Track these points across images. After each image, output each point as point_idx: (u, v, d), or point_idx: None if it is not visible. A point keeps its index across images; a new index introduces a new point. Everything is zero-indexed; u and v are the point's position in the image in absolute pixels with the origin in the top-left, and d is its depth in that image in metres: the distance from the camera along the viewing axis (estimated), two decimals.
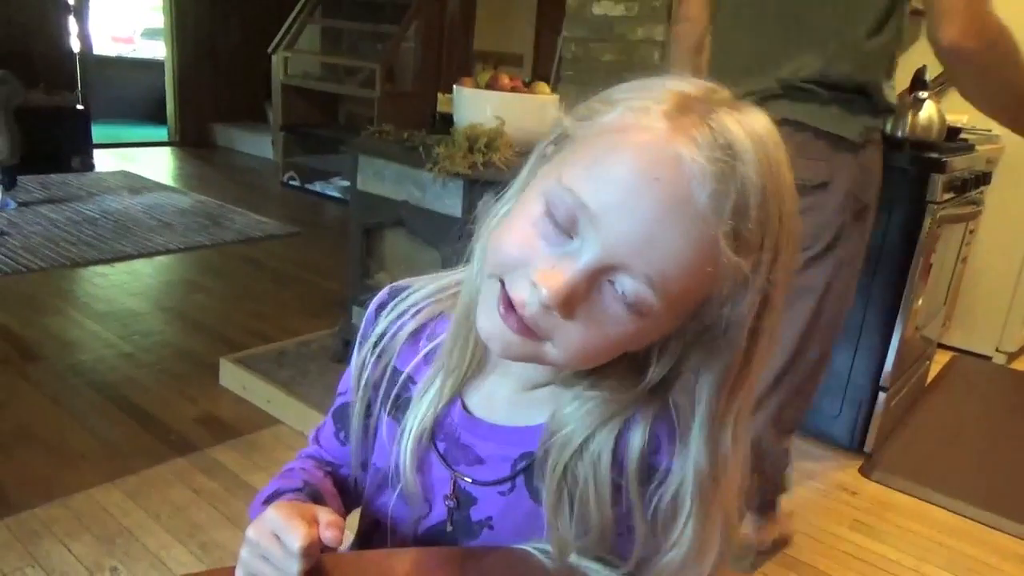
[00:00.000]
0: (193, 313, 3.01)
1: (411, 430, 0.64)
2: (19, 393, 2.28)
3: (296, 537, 0.52)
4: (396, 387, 0.67)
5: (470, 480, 0.63)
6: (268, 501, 0.66)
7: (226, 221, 4.28)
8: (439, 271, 0.69)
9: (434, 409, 0.63)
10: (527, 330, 0.51)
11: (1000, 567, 1.89)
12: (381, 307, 0.69)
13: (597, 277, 0.49)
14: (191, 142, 6.45)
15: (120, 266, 3.44)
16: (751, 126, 0.49)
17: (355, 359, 0.71)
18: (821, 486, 2.16)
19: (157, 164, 5.78)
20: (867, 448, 2.34)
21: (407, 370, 0.66)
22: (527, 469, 0.61)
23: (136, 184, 5.01)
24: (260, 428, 2.18)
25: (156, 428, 2.15)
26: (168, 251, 3.71)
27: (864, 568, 1.84)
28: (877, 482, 2.21)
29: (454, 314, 0.63)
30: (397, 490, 0.66)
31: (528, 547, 0.62)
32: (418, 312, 0.67)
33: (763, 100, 1.42)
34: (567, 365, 0.54)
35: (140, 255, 3.60)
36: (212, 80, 6.45)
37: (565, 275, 0.48)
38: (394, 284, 0.70)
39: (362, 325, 0.71)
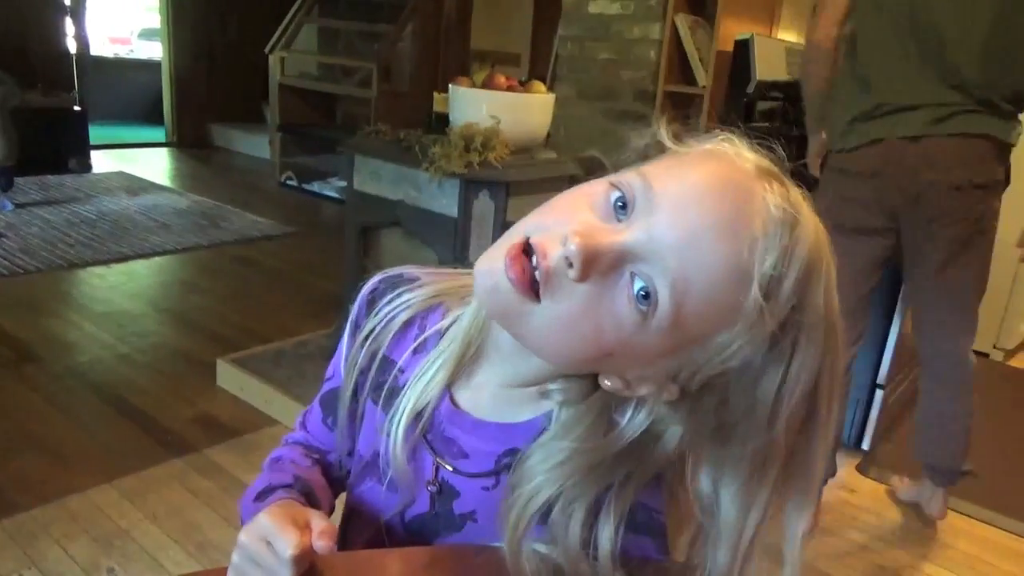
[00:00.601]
0: (190, 314, 3.01)
1: (405, 410, 0.64)
2: (16, 395, 2.28)
3: (288, 545, 0.52)
4: (385, 375, 0.67)
5: (452, 468, 0.63)
6: (260, 497, 0.66)
7: (223, 222, 4.28)
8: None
9: (435, 389, 0.63)
10: (527, 283, 0.49)
11: (999, 564, 1.89)
12: (373, 295, 0.69)
13: (626, 260, 0.48)
14: (188, 143, 6.44)
15: (117, 267, 3.43)
16: (816, 217, 0.51)
17: (345, 345, 0.71)
18: None
19: (154, 165, 5.78)
20: (865, 445, 2.34)
21: (400, 361, 0.66)
22: (511, 466, 0.61)
23: (133, 185, 5.00)
24: (257, 428, 2.18)
25: (153, 429, 2.14)
26: (165, 252, 3.70)
27: (862, 565, 1.84)
28: (875, 479, 2.21)
29: (470, 307, 0.63)
30: (388, 479, 0.65)
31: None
32: (411, 304, 0.67)
33: (954, 114, 1.59)
34: (541, 340, 0.52)
35: (137, 256, 3.59)
36: (209, 81, 6.44)
37: (600, 238, 0.48)
38: (386, 273, 0.70)
39: (353, 311, 0.70)
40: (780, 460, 0.50)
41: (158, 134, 6.56)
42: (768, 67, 2.44)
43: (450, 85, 2.12)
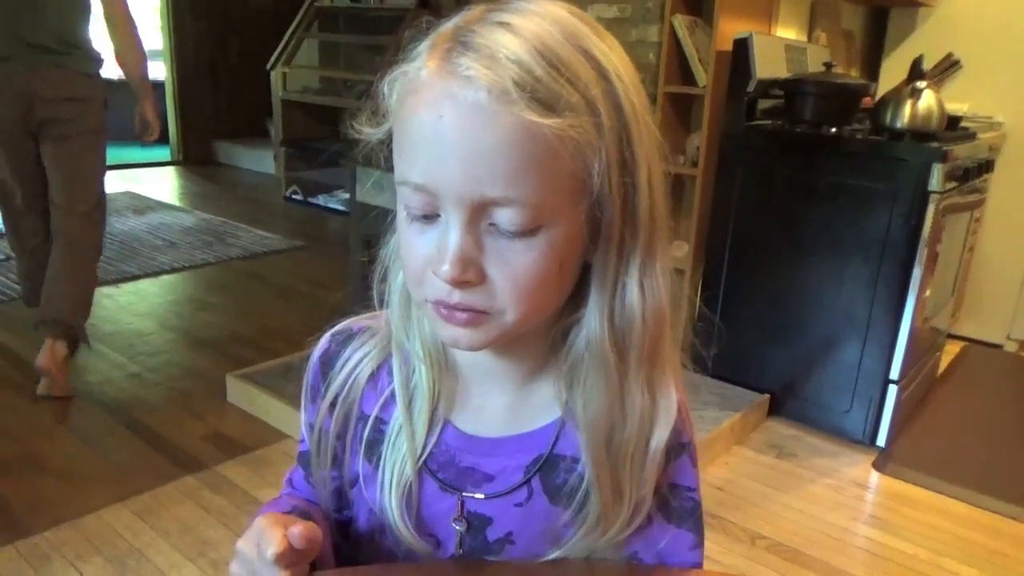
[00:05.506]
0: (199, 331, 3.02)
1: (392, 483, 0.61)
2: (27, 417, 2.29)
3: (271, 544, 0.51)
4: (370, 432, 0.64)
5: (482, 496, 0.61)
6: None
7: (230, 238, 4.30)
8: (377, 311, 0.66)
9: (412, 457, 0.61)
10: (473, 316, 0.52)
11: (1020, 557, 1.87)
12: (327, 357, 0.67)
13: (473, 229, 0.50)
14: (194, 160, 6.48)
15: (126, 287, 3.45)
16: (512, 20, 0.49)
17: (305, 412, 0.68)
18: (834, 482, 2.14)
19: (161, 183, 5.81)
20: (880, 442, 2.32)
21: (375, 412, 0.64)
22: (541, 469, 0.60)
23: (140, 204, 5.03)
24: (268, 443, 2.18)
25: (164, 447, 2.15)
26: (173, 270, 3.72)
27: (880, 563, 1.82)
28: (891, 476, 2.19)
29: (393, 359, 0.63)
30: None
31: (533, 562, 0.61)
32: (370, 357, 0.65)
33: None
34: (525, 317, 0.53)
35: (145, 275, 3.61)
36: (212, 98, 6.48)
37: (449, 246, 0.50)
38: (334, 331, 0.68)
39: (307, 377, 0.68)
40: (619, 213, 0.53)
41: (163, 153, 6.59)
42: (768, 65, 2.43)
43: None
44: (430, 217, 0.51)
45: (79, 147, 2.42)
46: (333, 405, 0.65)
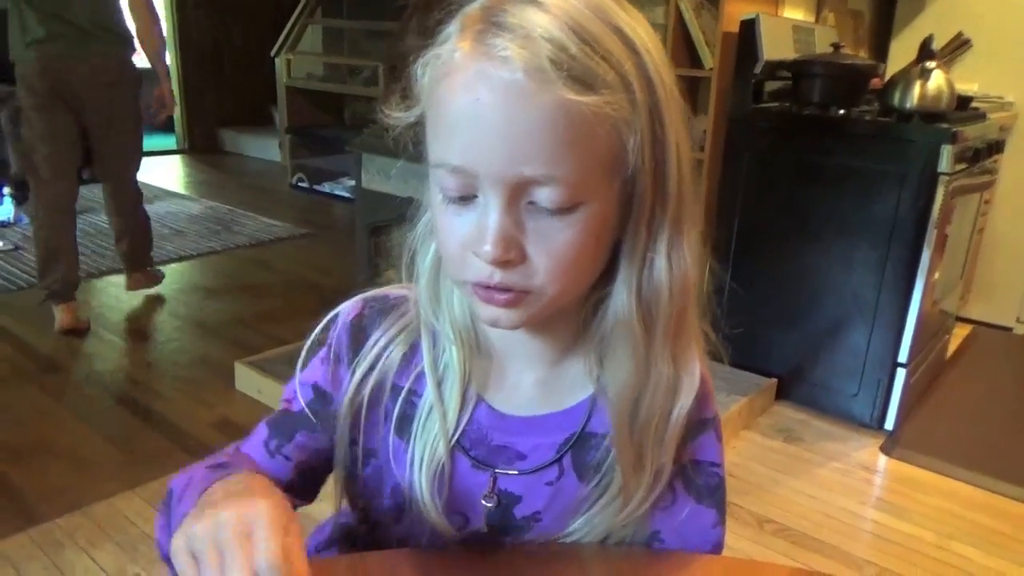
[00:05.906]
0: (207, 319, 3.03)
1: (423, 462, 0.61)
2: (38, 405, 2.30)
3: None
4: (403, 406, 0.63)
5: (515, 472, 0.61)
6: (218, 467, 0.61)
7: (237, 226, 4.30)
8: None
9: (444, 437, 0.61)
10: (513, 297, 0.52)
11: None
12: (360, 322, 0.65)
13: (513, 209, 0.50)
14: (199, 149, 6.48)
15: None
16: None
17: (319, 372, 0.65)
18: (842, 466, 2.14)
19: (167, 172, 5.81)
20: (887, 426, 2.31)
21: (408, 384, 0.63)
22: (573, 447, 0.61)
23: (147, 193, 4.96)
24: None
25: (174, 434, 2.16)
26: (181, 258, 3.73)
27: (888, 546, 1.82)
28: (899, 459, 2.19)
29: (422, 340, 0.62)
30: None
31: (543, 547, 0.61)
32: (409, 330, 0.64)
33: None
34: (563, 294, 0.53)
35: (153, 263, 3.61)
36: (217, 86, 6.47)
37: (490, 227, 0.50)
38: (369, 297, 0.66)
39: (333, 333, 0.65)
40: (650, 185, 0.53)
41: (169, 141, 6.59)
42: (775, 47, 2.40)
43: None
44: (467, 198, 0.51)
45: (126, 132, 2.78)
46: (361, 381, 0.63)
